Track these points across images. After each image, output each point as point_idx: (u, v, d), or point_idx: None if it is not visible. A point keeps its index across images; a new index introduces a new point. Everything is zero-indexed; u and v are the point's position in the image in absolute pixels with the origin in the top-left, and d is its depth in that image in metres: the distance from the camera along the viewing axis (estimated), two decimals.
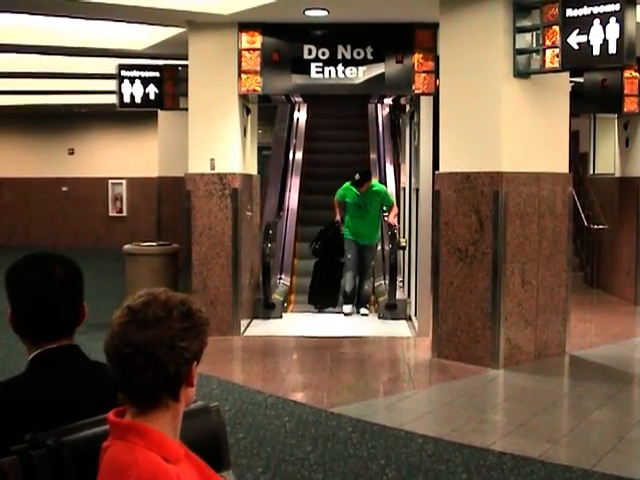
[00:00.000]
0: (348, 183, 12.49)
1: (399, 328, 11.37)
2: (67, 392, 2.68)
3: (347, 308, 12.35)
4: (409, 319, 11.82)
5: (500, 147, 8.94)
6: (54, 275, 2.76)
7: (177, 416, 2.37)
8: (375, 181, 13.12)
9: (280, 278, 13.73)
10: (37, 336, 2.78)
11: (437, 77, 10.19)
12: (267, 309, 12.09)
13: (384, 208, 12.65)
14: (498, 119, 8.98)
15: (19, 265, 2.82)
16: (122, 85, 12.21)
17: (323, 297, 12.70)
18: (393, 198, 13.06)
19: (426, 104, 10.76)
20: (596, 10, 7.90)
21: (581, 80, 12.08)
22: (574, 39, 8.09)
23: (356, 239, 12.36)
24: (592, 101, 12.33)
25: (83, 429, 2.50)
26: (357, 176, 12.41)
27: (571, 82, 10.25)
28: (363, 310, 12.40)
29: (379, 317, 12.04)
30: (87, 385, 2.73)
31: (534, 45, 8.85)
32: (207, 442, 2.72)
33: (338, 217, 12.65)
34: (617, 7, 7.75)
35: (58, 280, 2.76)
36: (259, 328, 11.48)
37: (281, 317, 12.18)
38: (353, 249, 12.35)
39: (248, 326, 11.46)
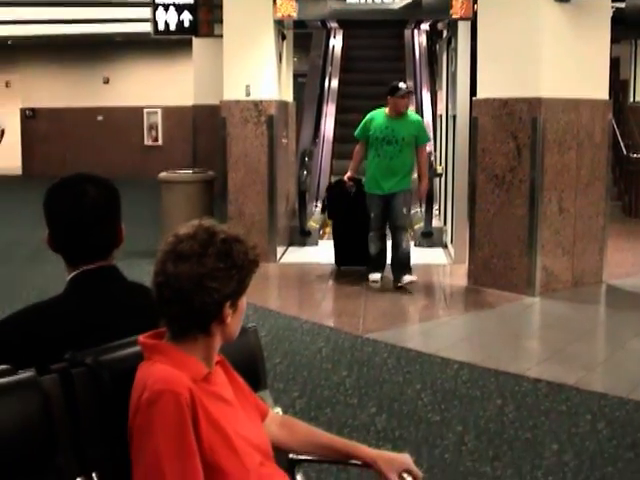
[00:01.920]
0: (378, 110, 9.58)
1: (435, 255, 11.34)
2: (105, 312, 2.70)
3: (373, 276, 9.68)
4: (445, 246, 11.79)
5: (539, 73, 8.81)
6: (87, 197, 2.75)
7: (209, 349, 2.38)
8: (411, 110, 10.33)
9: (316, 206, 13.71)
10: (74, 258, 2.79)
11: (475, 1, 10.02)
12: (303, 236, 12.10)
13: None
14: (537, 44, 8.83)
15: (54, 188, 2.82)
16: (156, 12, 12.13)
17: (348, 257, 10.42)
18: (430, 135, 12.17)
19: (464, 29, 10.59)
20: None
21: (623, 5, 11.83)
22: None
23: (380, 190, 9.36)
24: (634, 27, 12.08)
25: (121, 349, 2.52)
26: (402, 84, 9.47)
27: (613, 7, 10.05)
28: (406, 278, 9.36)
29: (415, 245, 11.98)
30: (126, 306, 2.74)
31: None
32: (245, 362, 2.73)
33: (349, 173, 9.83)
34: None
35: (91, 202, 2.75)
36: (295, 255, 11.52)
37: (317, 244, 12.19)
38: (376, 205, 9.44)
39: (284, 253, 11.49)
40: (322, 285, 9.89)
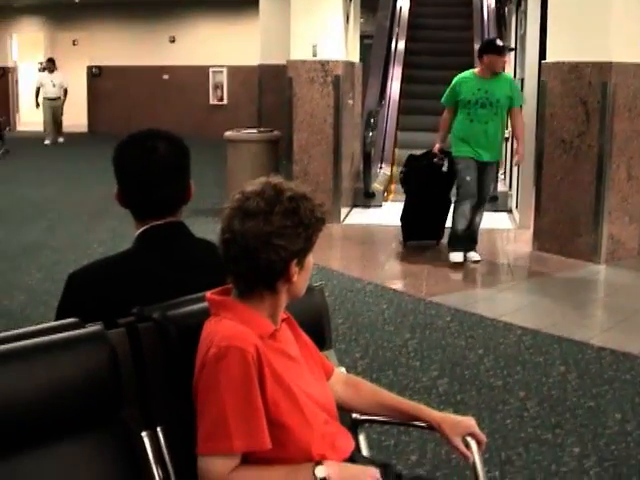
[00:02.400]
0: (466, 72, 8.86)
1: (499, 220, 11.24)
2: (172, 267, 2.70)
3: (457, 256, 8.73)
4: (510, 211, 11.68)
5: (610, 37, 8.62)
6: (156, 153, 2.75)
7: (275, 307, 2.37)
8: None
9: (380, 167, 13.66)
10: (143, 213, 2.79)
11: None
12: (367, 198, 12.06)
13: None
14: (609, 7, 8.64)
15: (124, 144, 2.82)
16: None
17: (417, 232, 9.60)
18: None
19: None
20: None
21: None
22: None
23: (476, 154, 8.53)
24: None
25: (188, 304, 2.53)
26: (499, 40, 8.93)
27: None
28: (474, 255, 8.86)
29: None
30: (192, 261, 2.74)
31: None
32: (311, 321, 2.73)
33: (438, 145, 9.10)
34: None
35: (161, 158, 2.75)
36: (359, 216, 11.49)
37: (381, 206, 12.14)
38: (473, 169, 8.54)
39: (348, 214, 11.47)
40: (386, 247, 9.86)
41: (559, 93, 9.00)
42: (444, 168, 9.03)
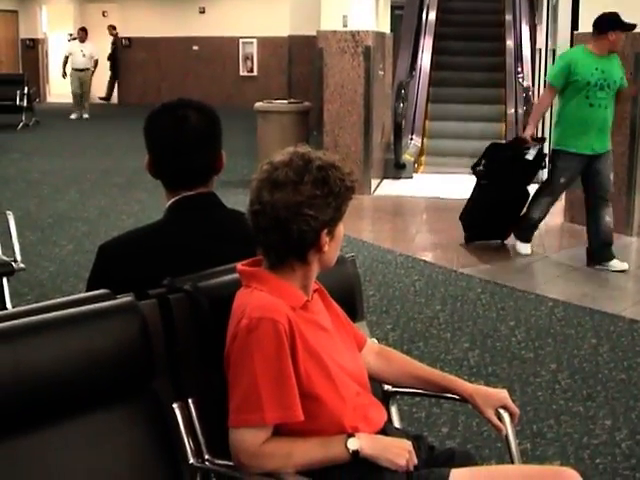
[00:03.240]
0: (576, 49, 7.88)
1: (531, 191, 11.14)
2: (204, 238, 2.69)
3: (525, 247, 8.10)
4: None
5: None
6: (188, 123, 2.73)
7: (307, 277, 2.36)
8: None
9: (411, 139, 13.61)
10: (174, 183, 2.78)
11: None
12: (398, 169, 12.03)
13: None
14: None
15: (155, 113, 2.81)
16: None
17: (483, 231, 8.49)
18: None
19: None
20: None
21: None
22: None
23: (589, 149, 7.50)
24: None
25: (219, 275, 2.52)
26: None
27: None
28: (617, 264, 7.56)
29: None
30: (224, 232, 2.72)
31: None
32: (342, 292, 2.72)
33: (531, 130, 7.94)
34: None
35: (192, 128, 2.73)
36: (389, 188, 11.46)
37: (411, 177, 12.12)
38: (575, 169, 7.63)
39: (378, 186, 11.43)
40: (416, 218, 9.83)
41: None
42: (529, 156, 7.98)
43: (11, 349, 2.09)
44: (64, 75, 20.51)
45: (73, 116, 20.26)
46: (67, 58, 20.27)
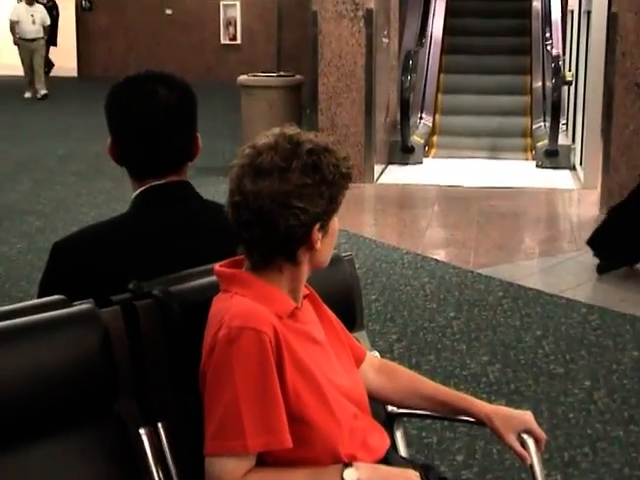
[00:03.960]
0: None
1: (561, 178, 11.19)
2: (176, 235, 2.68)
3: None
4: (573, 168, 11.61)
5: None
6: (157, 99, 2.71)
7: (296, 280, 2.35)
8: None
9: (421, 117, 13.61)
10: (140, 171, 2.77)
11: None
12: (405, 153, 12.04)
13: None
14: None
15: (119, 87, 2.79)
16: None
17: (623, 251, 7.35)
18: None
19: None
20: None
21: None
22: None
23: None
24: None
25: (194, 278, 2.52)
26: None
27: None
28: None
29: (537, 165, 11.86)
30: (199, 228, 2.71)
31: None
32: (338, 297, 2.71)
33: None
34: None
35: (162, 105, 2.72)
36: (395, 175, 11.47)
37: (421, 162, 12.14)
38: None
39: (382, 172, 11.45)
40: (427, 210, 9.83)
41: (633, 28, 8.90)
42: None
43: None
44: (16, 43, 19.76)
45: (27, 95, 19.89)
46: (13, 25, 19.42)
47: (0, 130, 15.31)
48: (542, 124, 12.86)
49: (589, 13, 10.68)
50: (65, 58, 24.24)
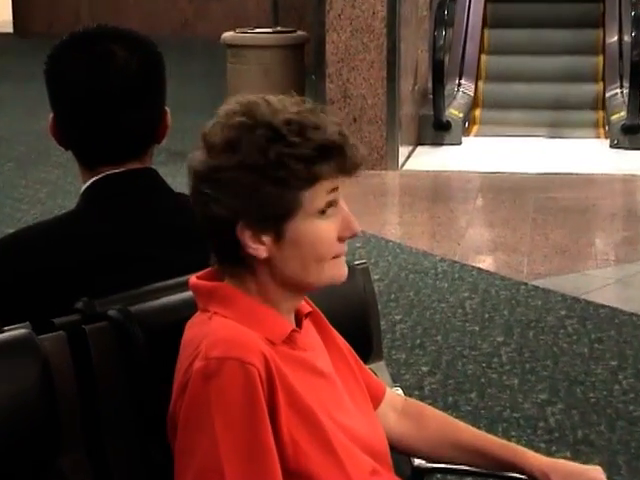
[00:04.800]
0: None
1: None
2: (138, 239, 2.68)
3: None
4: None
5: None
6: (112, 63, 2.71)
7: (269, 293, 2.33)
8: None
9: (459, 84, 13.58)
10: (92, 157, 2.77)
11: None
12: (439, 131, 12.04)
13: None
14: None
15: (61, 49, 2.78)
16: None
17: None
18: None
19: None
20: None
21: None
22: None
23: None
24: None
25: (161, 294, 2.51)
26: None
27: None
28: None
29: (611, 145, 11.83)
30: (167, 228, 2.71)
31: None
32: (350, 317, 2.72)
33: None
34: None
35: (119, 71, 2.71)
36: (426, 159, 11.49)
37: (460, 143, 12.16)
38: None
39: (410, 156, 11.46)
40: (467, 205, 9.84)
41: None
42: None
43: None
44: None
45: None
46: None
47: None
48: (618, 92, 12.83)
49: None
50: None
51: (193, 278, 2.38)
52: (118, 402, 2.42)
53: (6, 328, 2.34)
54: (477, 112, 13.43)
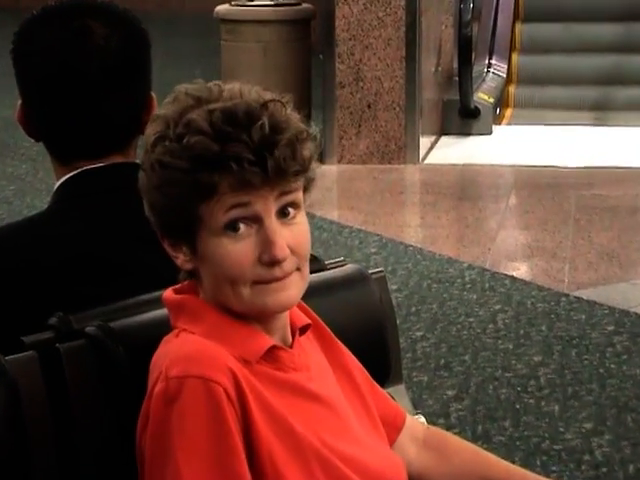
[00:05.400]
0: None
1: None
2: (120, 243, 2.70)
3: None
4: None
5: None
6: (89, 41, 2.73)
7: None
8: None
9: (489, 64, 13.58)
10: (67, 150, 2.79)
11: None
12: (466, 118, 12.05)
13: None
14: None
15: (31, 25, 2.80)
16: None
17: None
18: None
19: None
20: None
21: None
22: None
23: None
24: None
25: (145, 308, 2.52)
26: None
27: None
28: None
29: None
30: (153, 231, 2.71)
31: None
32: (363, 333, 2.72)
33: None
34: None
35: (97, 50, 2.73)
36: (451, 151, 11.53)
37: (490, 132, 12.18)
38: None
39: (432, 148, 11.48)
40: (498, 204, 9.85)
41: None
42: None
43: None
44: None
45: None
46: None
47: None
48: None
49: None
50: None
51: (167, 291, 2.39)
52: (97, 430, 2.42)
53: None
54: (511, 89, 13.40)
